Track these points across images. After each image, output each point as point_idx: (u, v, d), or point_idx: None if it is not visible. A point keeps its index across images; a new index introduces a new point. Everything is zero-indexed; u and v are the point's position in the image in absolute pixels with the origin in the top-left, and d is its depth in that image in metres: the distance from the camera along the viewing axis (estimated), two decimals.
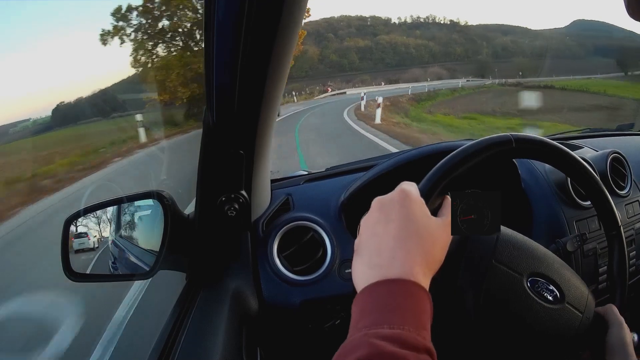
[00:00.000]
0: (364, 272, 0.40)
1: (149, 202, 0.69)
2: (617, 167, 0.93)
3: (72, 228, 0.68)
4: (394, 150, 5.75)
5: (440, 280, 0.44)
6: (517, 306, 0.46)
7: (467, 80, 42.43)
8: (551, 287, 0.48)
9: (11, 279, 2.97)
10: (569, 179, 0.83)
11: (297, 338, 0.78)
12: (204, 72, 0.53)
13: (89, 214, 0.70)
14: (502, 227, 0.50)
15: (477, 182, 0.75)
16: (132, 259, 0.71)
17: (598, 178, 0.55)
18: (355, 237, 0.81)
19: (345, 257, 0.76)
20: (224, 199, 0.66)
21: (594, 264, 0.79)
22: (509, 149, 0.51)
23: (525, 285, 0.47)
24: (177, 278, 0.77)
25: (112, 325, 2.12)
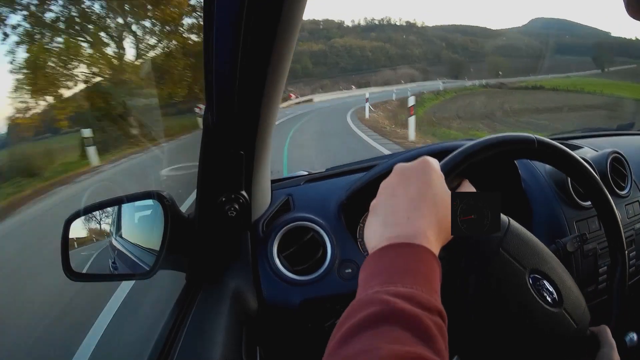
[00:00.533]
0: (377, 230, 0.40)
1: (149, 202, 0.69)
2: (617, 167, 0.93)
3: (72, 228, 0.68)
4: None
5: (445, 258, 0.45)
6: (516, 298, 0.47)
7: (444, 82, 40.75)
8: (551, 289, 0.48)
9: None
10: (569, 179, 0.83)
11: (297, 338, 0.78)
12: (203, 72, 0.53)
13: (88, 214, 0.70)
14: (512, 221, 0.51)
15: (477, 181, 0.75)
16: (132, 258, 0.71)
17: (598, 178, 0.55)
18: (355, 237, 0.81)
19: (345, 257, 0.76)
20: (224, 199, 0.66)
21: (594, 264, 0.79)
22: (530, 149, 0.52)
23: (527, 280, 0.47)
24: (177, 278, 0.77)
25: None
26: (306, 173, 1.01)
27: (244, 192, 0.67)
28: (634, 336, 0.61)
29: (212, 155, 0.63)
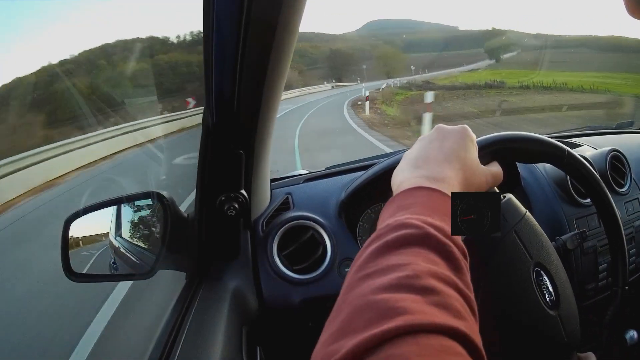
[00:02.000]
0: (408, 170, 0.41)
1: (149, 202, 0.69)
2: (617, 165, 0.93)
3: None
4: None
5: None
6: (518, 285, 0.47)
7: (333, 87, 38.54)
8: (551, 289, 0.48)
9: None
10: (568, 177, 0.83)
11: (298, 337, 0.78)
12: (203, 71, 0.53)
13: (88, 214, 0.70)
14: (529, 214, 0.53)
15: None
16: (132, 258, 0.71)
17: (598, 176, 0.55)
18: (355, 236, 0.81)
19: (345, 255, 0.77)
20: (223, 198, 0.66)
21: (594, 261, 0.79)
22: (559, 159, 0.54)
23: (532, 271, 0.48)
24: (177, 278, 0.77)
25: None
26: (306, 172, 1.01)
27: (243, 192, 0.67)
28: (634, 334, 0.62)
29: (212, 155, 0.63)
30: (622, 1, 0.32)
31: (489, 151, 0.50)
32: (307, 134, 9.03)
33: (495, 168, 0.48)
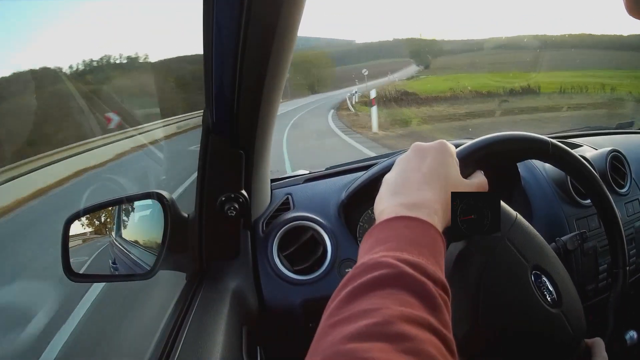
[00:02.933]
0: (386, 198, 0.40)
1: (149, 202, 0.69)
2: (617, 165, 0.93)
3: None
4: None
5: (452, 242, 0.46)
6: (517, 292, 0.47)
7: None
8: (551, 288, 0.48)
9: None
10: (568, 178, 0.83)
11: (298, 338, 0.78)
12: (203, 71, 0.53)
13: (88, 214, 0.70)
14: (520, 216, 0.52)
15: None
16: (133, 259, 0.71)
17: (598, 176, 0.55)
18: (355, 236, 0.81)
19: (345, 256, 0.76)
20: (224, 198, 0.66)
21: (594, 262, 0.79)
22: (544, 152, 0.53)
23: (530, 276, 0.47)
24: (177, 278, 0.77)
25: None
26: (306, 172, 1.01)
27: (243, 192, 0.67)
28: (634, 334, 0.62)
29: (212, 155, 0.63)
30: (622, 1, 0.32)
31: (471, 161, 0.50)
32: None
33: (478, 179, 0.47)
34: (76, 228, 0.68)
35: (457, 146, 0.52)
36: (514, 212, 0.51)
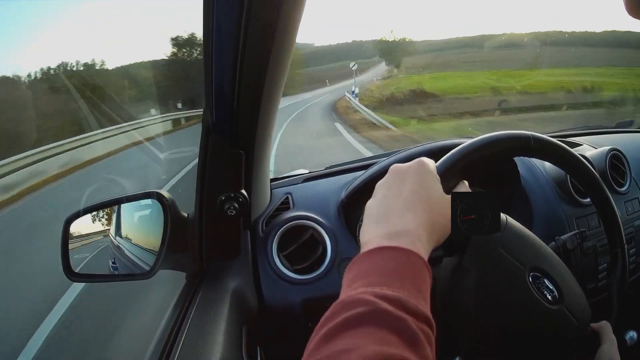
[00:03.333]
0: (369, 229, 0.40)
1: (149, 202, 0.69)
2: (617, 164, 0.93)
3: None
4: None
5: (446, 257, 0.45)
6: (516, 297, 0.46)
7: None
8: (551, 287, 0.48)
9: None
10: (568, 177, 0.83)
11: (298, 337, 0.78)
12: (203, 71, 0.53)
13: (88, 214, 0.70)
14: (510, 219, 0.51)
15: (477, 180, 0.75)
16: (132, 258, 0.71)
17: (597, 175, 0.55)
18: (355, 235, 0.81)
19: (345, 255, 0.76)
20: (223, 198, 0.66)
21: (594, 261, 0.79)
22: (526, 146, 0.52)
23: (527, 278, 0.47)
24: (177, 278, 0.77)
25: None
26: (306, 171, 1.01)
27: (243, 191, 0.67)
28: (634, 334, 0.62)
29: (212, 155, 0.63)
30: (622, 1, 0.32)
31: (452, 174, 0.48)
32: None
33: (462, 190, 0.47)
34: (76, 228, 0.68)
35: (452, 147, 0.51)
36: (503, 216, 0.50)
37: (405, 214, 0.39)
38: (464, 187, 0.48)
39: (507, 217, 0.51)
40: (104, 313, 2.24)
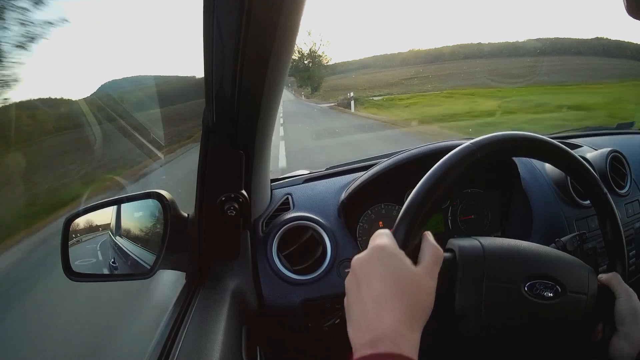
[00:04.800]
0: (353, 336, 0.39)
1: (149, 202, 0.69)
2: (617, 166, 0.93)
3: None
4: None
5: (439, 311, 0.43)
6: (520, 315, 0.46)
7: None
8: (550, 285, 0.48)
9: None
10: (568, 178, 0.83)
11: (298, 337, 0.78)
12: (203, 71, 0.53)
13: (88, 214, 0.70)
14: (487, 240, 0.49)
15: (477, 181, 0.75)
16: (132, 258, 0.71)
17: (597, 177, 0.55)
18: (355, 236, 0.81)
19: (344, 256, 0.76)
20: (223, 198, 0.66)
21: (594, 263, 0.79)
22: (474, 159, 0.47)
23: (524, 293, 0.47)
24: (177, 278, 0.77)
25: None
26: (306, 172, 1.01)
27: (243, 192, 0.67)
28: None
29: (212, 155, 0.63)
30: (622, 1, 0.32)
31: (410, 237, 0.44)
32: None
33: (427, 258, 0.43)
34: (76, 227, 0.68)
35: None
36: (477, 244, 0.48)
37: (381, 315, 0.38)
38: (427, 248, 0.44)
39: (482, 242, 0.49)
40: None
